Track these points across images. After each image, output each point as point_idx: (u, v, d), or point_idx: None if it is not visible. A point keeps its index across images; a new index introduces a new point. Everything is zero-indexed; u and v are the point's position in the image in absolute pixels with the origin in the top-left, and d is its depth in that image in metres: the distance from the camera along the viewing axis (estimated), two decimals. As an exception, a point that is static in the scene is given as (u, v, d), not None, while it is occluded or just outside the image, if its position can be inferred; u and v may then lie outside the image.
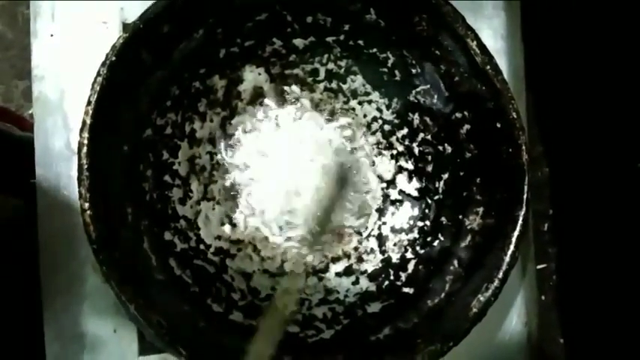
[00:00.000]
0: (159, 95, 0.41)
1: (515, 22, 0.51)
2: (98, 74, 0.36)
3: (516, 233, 0.41)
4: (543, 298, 0.71)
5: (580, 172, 0.66)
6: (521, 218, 0.41)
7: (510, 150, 0.41)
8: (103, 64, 0.36)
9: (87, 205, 0.35)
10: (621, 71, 0.59)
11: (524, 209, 0.41)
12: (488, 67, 0.41)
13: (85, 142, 0.35)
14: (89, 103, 0.36)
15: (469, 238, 0.43)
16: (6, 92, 1.03)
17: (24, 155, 0.52)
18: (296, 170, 0.47)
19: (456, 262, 0.43)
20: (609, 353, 0.60)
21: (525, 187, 0.41)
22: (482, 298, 0.40)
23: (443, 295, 0.43)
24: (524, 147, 0.41)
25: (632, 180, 0.60)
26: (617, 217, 0.62)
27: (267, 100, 0.46)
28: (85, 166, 0.35)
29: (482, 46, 0.41)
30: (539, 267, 0.61)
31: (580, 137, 0.66)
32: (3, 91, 1.03)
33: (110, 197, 0.38)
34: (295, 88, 0.46)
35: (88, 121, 0.35)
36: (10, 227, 0.47)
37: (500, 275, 0.40)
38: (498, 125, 0.42)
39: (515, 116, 0.41)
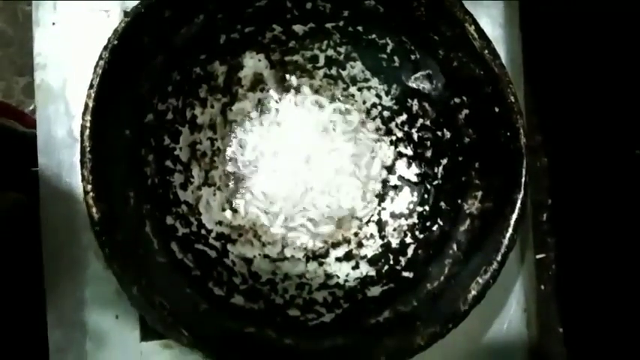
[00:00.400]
0: (160, 80, 0.41)
1: (513, 10, 0.51)
2: (100, 58, 0.36)
3: (514, 216, 0.41)
4: (543, 288, 0.71)
5: (579, 161, 0.66)
6: (519, 201, 0.41)
7: (508, 134, 0.42)
8: (105, 47, 0.37)
9: (89, 187, 0.35)
10: (619, 60, 0.59)
11: (522, 192, 0.41)
12: (487, 51, 0.41)
13: (88, 124, 0.35)
14: (91, 86, 0.36)
15: (468, 222, 0.44)
16: (6, 88, 1.04)
17: (27, 151, 0.53)
18: (296, 156, 0.47)
19: (455, 246, 0.44)
20: (609, 343, 0.61)
21: (523, 171, 0.41)
22: (480, 281, 0.40)
23: (442, 278, 0.43)
24: (522, 130, 0.41)
25: (632, 168, 0.60)
26: (616, 207, 0.62)
27: (267, 87, 0.46)
28: (88, 149, 0.35)
29: (480, 30, 0.41)
30: (538, 257, 0.62)
31: (578, 126, 0.66)
32: (3, 88, 1.04)
33: (112, 181, 0.38)
34: (295, 75, 0.47)
35: (91, 104, 0.36)
36: (12, 222, 0.48)
37: (499, 258, 0.41)
38: (496, 110, 0.42)
39: (513, 100, 0.41)
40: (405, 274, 0.45)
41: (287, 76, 0.47)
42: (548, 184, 0.71)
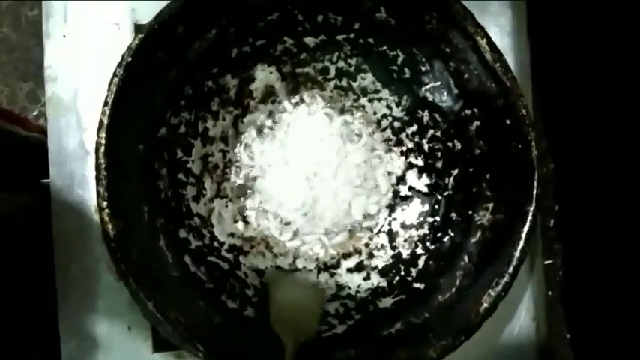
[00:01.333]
0: (173, 95, 0.41)
1: (521, 19, 0.51)
2: (115, 75, 0.36)
3: (526, 229, 0.41)
4: (550, 293, 0.71)
5: (585, 167, 0.67)
6: (530, 214, 0.41)
7: (520, 146, 0.42)
8: (120, 64, 0.37)
9: (105, 203, 0.35)
10: (626, 67, 0.59)
11: (533, 205, 0.41)
12: (498, 64, 0.41)
13: (103, 142, 0.36)
14: (106, 103, 0.36)
15: (479, 233, 0.44)
16: (11, 94, 1.04)
17: (29, 154, 0.53)
18: (307, 167, 0.47)
19: (466, 258, 0.44)
20: (615, 347, 0.61)
21: (535, 183, 0.41)
22: (492, 293, 0.41)
23: (454, 290, 0.43)
24: (533, 143, 0.41)
25: (638, 174, 0.60)
26: (622, 213, 0.62)
27: (278, 98, 0.46)
28: (103, 166, 0.35)
29: (491, 43, 0.41)
30: (545, 262, 0.62)
31: (585, 133, 0.66)
32: (8, 94, 1.04)
33: (126, 196, 0.38)
34: (306, 87, 0.47)
35: (106, 121, 0.36)
36: (17, 224, 0.48)
37: (511, 270, 0.41)
38: (508, 122, 0.42)
39: (524, 113, 0.41)
40: (416, 285, 0.45)
41: (298, 87, 0.47)
42: (554, 190, 0.71)
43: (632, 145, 0.60)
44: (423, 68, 0.45)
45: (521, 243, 0.41)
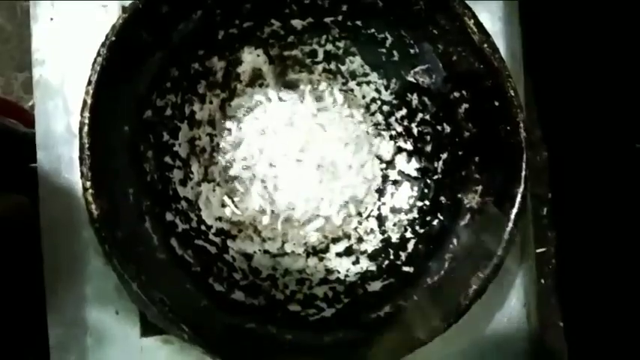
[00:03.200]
0: (158, 76, 0.41)
1: (512, 5, 0.51)
2: (98, 54, 0.36)
3: (515, 210, 0.41)
4: (543, 282, 0.71)
5: (579, 155, 0.66)
6: (519, 195, 0.41)
7: (508, 128, 0.42)
8: (103, 44, 0.36)
9: (88, 184, 0.35)
10: (620, 54, 0.59)
11: (522, 186, 0.41)
12: (486, 45, 0.41)
13: (86, 121, 0.35)
14: (89, 83, 0.36)
15: (468, 216, 0.44)
16: (5, 84, 1.03)
17: (28, 152, 0.53)
18: (295, 151, 0.47)
19: (455, 241, 0.44)
20: (609, 337, 0.61)
21: (523, 165, 0.41)
22: (481, 275, 0.40)
23: (443, 273, 0.43)
24: (522, 124, 0.41)
25: (632, 162, 0.60)
26: (616, 201, 0.62)
27: (266, 82, 0.46)
28: (87, 145, 0.35)
29: (479, 24, 0.41)
30: (538, 251, 0.61)
31: (578, 121, 0.66)
32: (3, 84, 1.03)
33: (111, 177, 0.38)
34: (294, 70, 0.47)
35: (89, 101, 0.35)
36: (13, 224, 0.48)
37: (500, 252, 0.41)
38: (496, 103, 0.42)
39: (512, 94, 0.41)
40: (406, 268, 0.45)
41: (286, 71, 0.46)
42: (548, 178, 0.71)
43: (627, 133, 0.60)
44: (412, 51, 0.45)
45: (510, 225, 0.41)
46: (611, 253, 0.62)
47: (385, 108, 0.48)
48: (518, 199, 0.41)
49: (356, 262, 0.46)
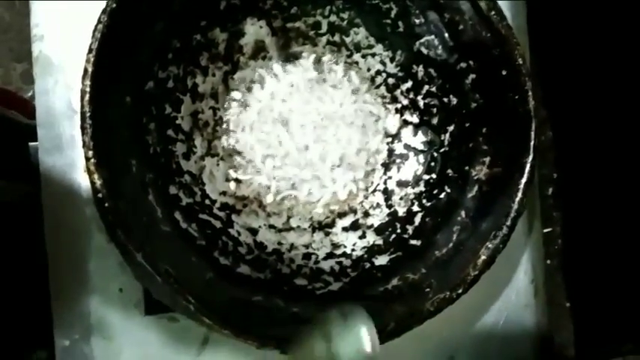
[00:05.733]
0: (160, 47, 0.41)
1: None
2: (99, 21, 0.36)
3: (524, 180, 0.40)
4: (549, 262, 0.70)
5: (585, 135, 0.66)
6: (528, 165, 0.40)
7: (517, 97, 0.41)
8: (104, 11, 0.36)
9: (90, 153, 0.34)
10: (627, 31, 0.58)
11: (531, 156, 0.40)
12: (493, 12, 0.40)
13: (87, 89, 0.35)
14: (90, 50, 0.35)
15: (476, 188, 0.43)
16: (5, 75, 1.03)
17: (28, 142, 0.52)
18: (300, 125, 0.46)
19: (463, 213, 0.43)
20: (615, 316, 0.60)
21: (532, 134, 0.40)
22: (490, 246, 0.40)
23: (451, 245, 0.42)
24: (530, 93, 0.40)
25: (638, 141, 0.60)
26: (622, 180, 0.62)
27: (269, 54, 0.46)
28: (88, 114, 0.34)
29: (486, -9, 0.40)
30: (544, 231, 0.61)
31: (584, 99, 0.65)
32: (2, 74, 1.03)
33: (113, 148, 0.37)
34: (297, 42, 0.46)
35: (90, 69, 0.35)
36: (17, 212, 0.47)
37: (509, 222, 0.40)
38: (504, 73, 0.41)
39: (520, 62, 0.40)
40: (413, 242, 0.44)
41: (289, 43, 0.46)
42: (553, 158, 0.70)
43: (634, 112, 0.60)
44: (417, 21, 0.44)
45: (519, 195, 0.40)
46: (617, 233, 0.62)
47: (390, 80, 0.47)
48: (527, 168, 0.40)
49: (362, 236, 0.45)
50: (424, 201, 0.45)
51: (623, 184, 0.62)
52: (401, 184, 0.46)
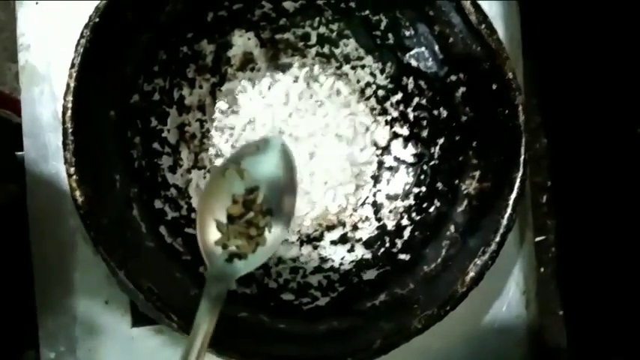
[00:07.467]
0: (145, 60, 0.40)
1: (511, -15, 0.50)
2: (82, 36, 0.35)
3: (514, 196, 0.40)
4: (542, 270, 0.70)
5: (579, 142, 0.65)
6: (518, 180, 0.40)
7: (507, 112, 0.40)
8: (87, 25, 0.35)
9: (72, 169, 0.34)
10: (621, 37, 0.58)
11: (521, 171, 0.40)
12: (483, 25, 0.40)
13: (70, 105, 0.34)
14: (73, 65, 0.35)
15: (465, 202, 0.43)
16: None
17: (21, 142, 0.52)
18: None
19: (452, 227, 0.43)
20: (608, 324, 0.60)
21: (522, 149, 0.40)
22: (479, 262, 0.39)
23: (439, 260, 0.42)
24: (520, 108, 0.40)
25: (632, 149, 0.59)
26: (616, 188, 0.61)
27: (257, 66, 0.45)
28: (70, 130, 0.34)
29: (476, 4, 0.40)
30: (537, 239, 0.61)
31: (579, 107, 0.65)
32: (-4, 74, 1.02)
33: (97, 163, 0.37)
34: (286, 54, 0.45)
35: (72, 85, 0.34)
36: (6, 213, 0.47)
37: (498, 239, 0.40)
38: (494, 87, 0.41)
39: (511, 76, 0.40)
40: (402, 256, 0.44)
41: (278, 54, 0.45)
42: (547, 165, 0.70)
43: (627, 119, 0.59)
44: (407, 33, 0.44)
45: (509, 211, 0.40)
46: (612, 241, 0.62)
47: (380, 92, 0.46)
48: (517, 184, 0.40)
49: (351, 250, 0.45)
50: (413, 214, 0.45)
51: (618, 192, 0.61)
52: (390, 197, 0.46)
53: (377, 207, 0.46)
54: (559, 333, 0.65)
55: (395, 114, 0.46)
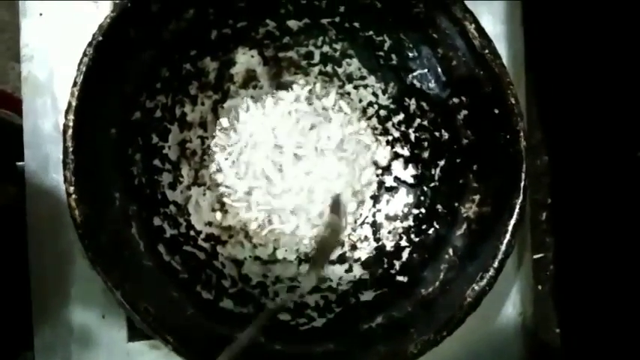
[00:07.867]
0: (148, 77, 0.40)
1: (515, 6, 0.50)
2: (84, 54, 0.35)
3: (513, 222, 0.40)
4: (540, 288, 0.70)
5: (580, 161, 0.65)
6: (518, 206, 0.40)
7: (508, 136, 0.40)
8: (90, 44, 0.35)
9: (72, 189, 0.34)
10: (623, 58, 0.58)
11: (521, 197, 0.40)
12: (487, 50, 0.40)
13: (71, 124, 0.34)
14: (75, 84, 0.35)
15: (465, 226, 0.43)
16: (2, 74, 1.02)
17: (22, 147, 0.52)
18: (289, 156, 0.46)
19: (451, 251, 0.43)
20: (606, 343, 0.60)
21: (523, 175, 0.40)
22: (476, 288, 0.39)
23: (437, 283, 0.42)
24: (522, 133, 0.40)
25: (632, 169, 0.59)
26: (616, 208, 0.61)
27: (260, 84, 0.45)
28: (71, 149, 0.34)
29: (480, 29, 0.40)
30: (535, 257, 0.61)
31: (580, 125, 0.65)
32: (-1, 74, 1.02)
33: (97, 181, 0.37)
34: (289, 72, 0.45)
35: (74, 103, 0.34)
36: (7, 216, 0.47)
37: (496, 264, 0.40)
38: (496, 111, 0.41)
39: (513, 102, 0.40)
40: (400, 278, 0.44)
41: (281, 72, 0.45)
42: (548, 182, 0.69)
43: (628, 140, 0.59)
44: (411, 54, 0.43)
45: (508, 236, 0.40)
46: (611, 260, 0.62)
47: (382, 112, 0.46)
48: (517, 210, 0.40)
49: (349, 270, 0.45)
50: (412, 236, 0.45)
51: (618, 212, 0.61)
52: (390, 217, 0.46)
53: (376, 227, 0.46)
54: (556, 351, 0.65)
55: (396, 134, 0.46)
